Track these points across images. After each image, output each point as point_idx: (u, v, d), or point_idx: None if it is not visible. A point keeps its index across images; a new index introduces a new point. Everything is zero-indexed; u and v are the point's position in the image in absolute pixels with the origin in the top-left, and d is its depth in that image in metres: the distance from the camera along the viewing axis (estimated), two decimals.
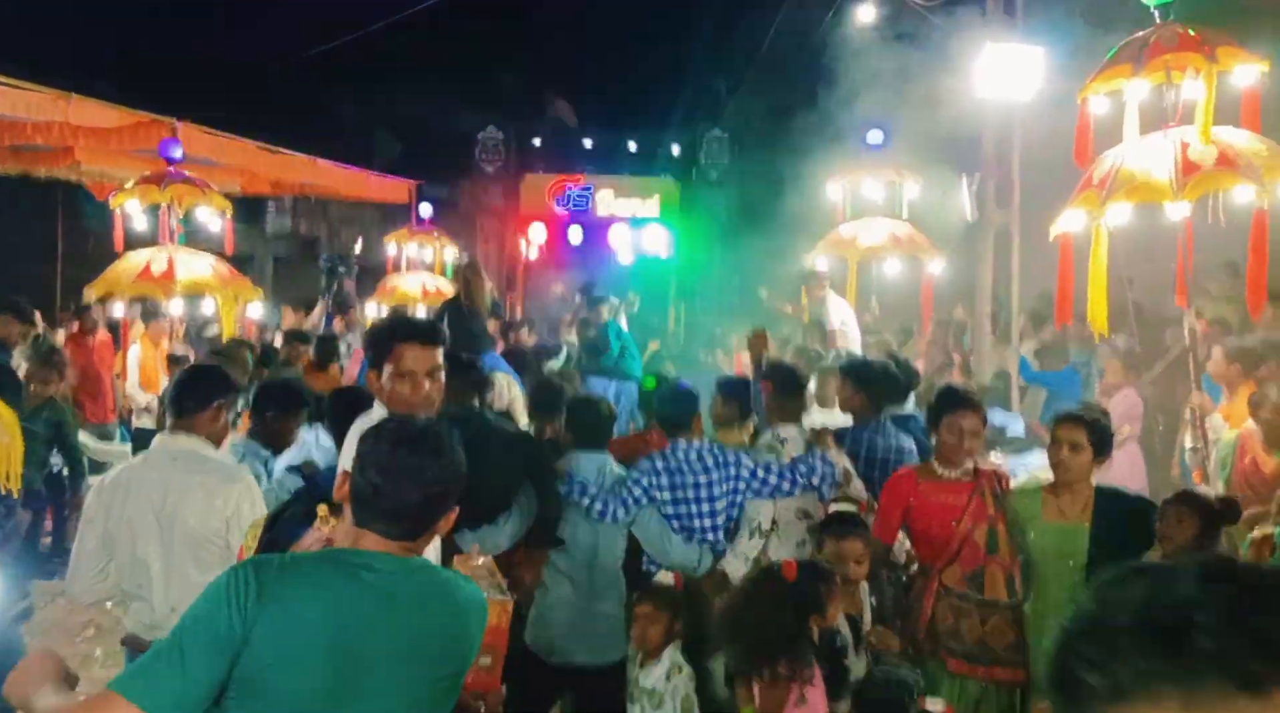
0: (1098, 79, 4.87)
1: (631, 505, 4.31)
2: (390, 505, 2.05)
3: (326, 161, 11.86)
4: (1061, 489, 3.96)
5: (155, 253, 7.70)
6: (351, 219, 20.05)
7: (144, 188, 7.81)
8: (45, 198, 13.10)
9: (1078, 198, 4.90)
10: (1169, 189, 4.47)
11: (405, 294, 11.70)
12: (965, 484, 4.05)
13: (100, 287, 7.71)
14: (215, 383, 3.63)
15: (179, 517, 3.31)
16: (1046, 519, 3.92)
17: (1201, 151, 4.52)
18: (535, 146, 19.85)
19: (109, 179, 10.52)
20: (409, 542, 2.09)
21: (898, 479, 4.22)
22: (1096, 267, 4.77)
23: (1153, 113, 4.89)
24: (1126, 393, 7.25)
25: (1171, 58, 4.62)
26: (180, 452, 3.45)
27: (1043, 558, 3.90)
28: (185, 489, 3.33)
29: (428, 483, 2.06)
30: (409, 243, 12.43)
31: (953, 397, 4.18)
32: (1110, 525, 3.84)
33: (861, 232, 9.05)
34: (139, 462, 3.55)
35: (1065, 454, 3.89)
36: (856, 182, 9.25)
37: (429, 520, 2.11)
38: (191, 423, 3.49)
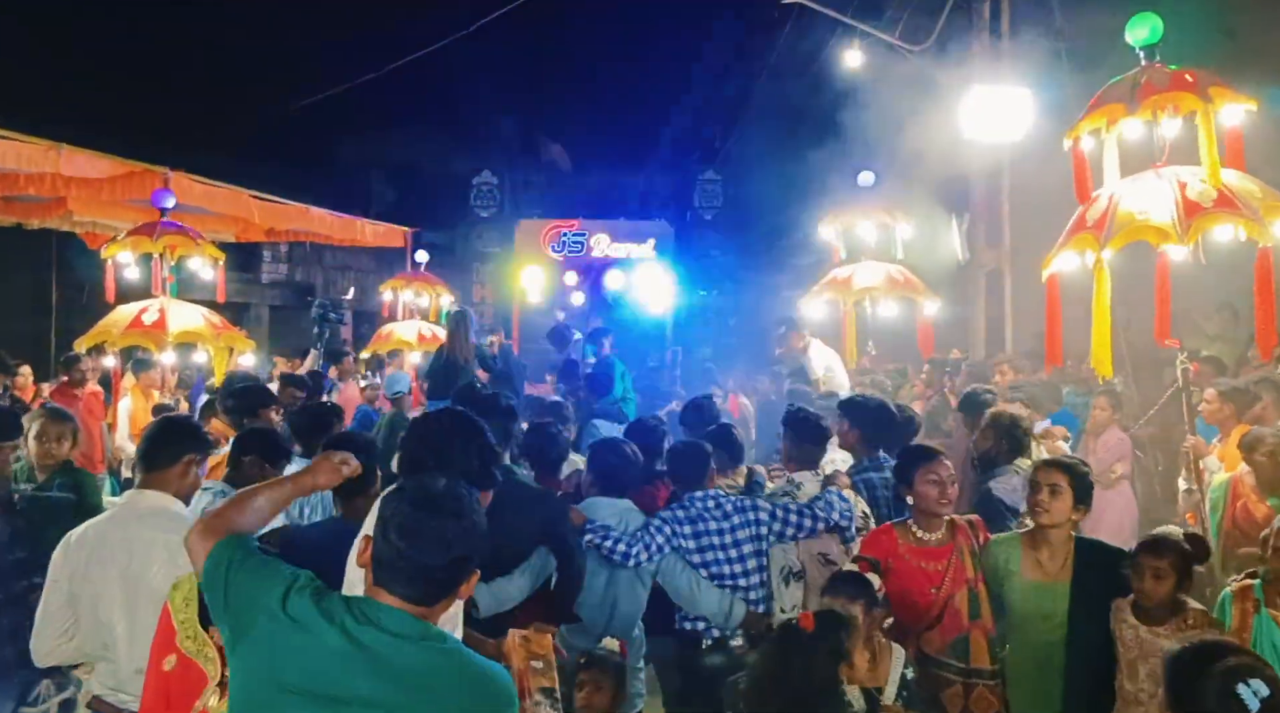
0: (1088, 118, 4.85)
1: (655, 552, 4.23)
2: (410, 569, 2.04)
3: (320, 209, 11.88)
4: (1040, 541, 3.87)
5: (147, 303, 7.68)
6: (347, 266, 20.11)
7: (136, 238, 7.81)
8: (40, 249, 13.12)
9: (1072, 239, 4.85)
10: (1173, 230, 4.44)
11: (401, 341, 11.67)
12: (944, 548, 3.95)
13: (91, 338, 7.68)
14: (185, 436, 3.54)
15: (143, 577, 3.22)
16: (1026, 576, 3.83)
17: (1200, 191, 4.50)
18: (530, 191, 19.96)
19: (103, 229, 10.52)
20: (426, 606, 2.07)
21: (877, 536, 4.10)
22: (1100, 309, 4.71)
23: (1134, 152, 4.89)
24: (1113, 432, 7.20)
25: (1165, 97, 4.62)
26: (147, 509, 3.36)
27: (1021, 617, 3.82)
28: (149, 548, 3.24)
29: (449, 546, 2.05)
30: (405, 290, 12.42)
31: (921, 450, 4.10)
32: (1090, 581, 3.77)
33: (857, 274, 9.06)
34: (105, 519, 3.45)
35: (1044, 497, 3.82)
36: (850, 223, 9.27)
37: (450, 585, 2.09)
38: (161, 478, 3.41)
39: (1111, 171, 4.83)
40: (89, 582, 3.25)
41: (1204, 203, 4.47)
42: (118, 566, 3.24)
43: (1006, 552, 3.92)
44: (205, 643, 2.60)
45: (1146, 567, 3.63)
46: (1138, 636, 3.66)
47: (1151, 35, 4.73)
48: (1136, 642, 3.66)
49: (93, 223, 10.68)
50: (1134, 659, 3.65)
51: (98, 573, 3.24)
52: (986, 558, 3.95)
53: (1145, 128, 4.76)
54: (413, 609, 2.04)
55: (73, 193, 8.87)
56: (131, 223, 8.23)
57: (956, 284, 9.66)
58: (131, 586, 3.22)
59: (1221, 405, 5.99)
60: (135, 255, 7.93)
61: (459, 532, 2.05)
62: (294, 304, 18.47)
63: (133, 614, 3.22)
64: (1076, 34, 8.77)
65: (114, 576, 3.23)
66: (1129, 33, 4.76)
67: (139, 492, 3.43)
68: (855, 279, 9.02)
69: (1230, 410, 5.95)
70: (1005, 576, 3.86)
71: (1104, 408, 7.26)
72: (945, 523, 4.01)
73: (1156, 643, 3.60)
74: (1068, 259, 4.94)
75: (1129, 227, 4.57)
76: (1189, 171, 4.62)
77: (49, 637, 3.29)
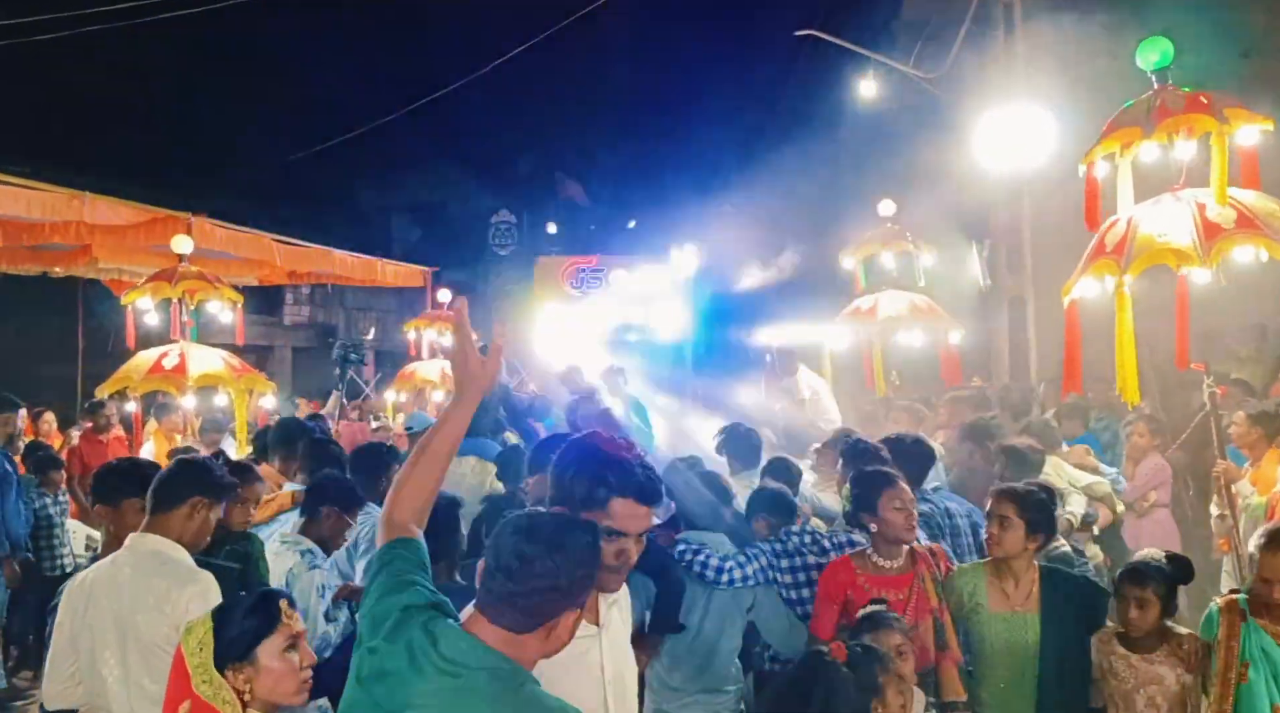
0: (1103, 143, 4.81)
1: (749, 576, 4.12)
2: (502, 591, 2.09)
3: (341, 251, 11.99)
4: (1004, 572, 3.79)
5: (167, 348, 7.73)
6: (369, 306, 20.27)
7: (156, 284, 7.88)
8: (65, 297, 13.29)
9: (1092, 265, 4.78)
10: (1194, 253, 4.37)
11: (425, 380, 11.70)
12: (905, 576, 3.82)
13: (113, 383, 7.73)
14: (195, 479, 3.43)
15: (132, 622, 3.16)
16: (993, 609, 3.74)
17: (1220, 212, 4.44)
18: (548, 228, 20.07)
19: (128, 276, 10.65)
20: (515, 633, 2.10)
21: (834, 571, 3.90)
22: (1124, 333, 4.64)
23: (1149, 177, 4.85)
24: (1154, 460, 7.08)
25: (1180, 119, 4.58)
26: (145, 553, 3.28)
27: (993, 651, 3.72)
28: (140, 594, 3.17)
29: (537, 575, 2.07)
30: (428, 329, 12.48)
31: (883, 476, 3.92)
32: (1059, 610, 3.70)
33: (881, 303, 9.01)
34: (107, 562, 3.38)
35: (995, 529, 3.76)
36: (872, 253, 9.23)
37: (537, 613, 2.10)
38: (164, 521, 3.32)
39: (1126, 196, 4.78)
40: (87, 628, 3.20)
41: (1224, 224, 4.40)
42: (112, 611, 3.18)
43: (971, 583, 3.81)
44: (222, 686, 2.56)
45: (1130, 596, 3.62)
46: (1130, 665, 3.63)
47: (1163, 59, 4.70)
48: (1131, 672, 3.62)
49: (118, 270, 10.81)
50: (1129, 691, 3.62)
51: (95, 617, 3.19)
52: (950, 589, 3.84)
53: (1160, 152, 4.72)
54: (502, 636, 2.08)
55: (97, 240, 8.98)
56: (156, 268, 8.31)
57: (979, 311, 9.58)
58: (122, 632, 3.16)
59: (1250, 429, 5.88)
60: (155, 301, 8.00)
61: (550, 563, 2.07)
62: (316, 345, 18.62)
63: (124, 661, 3.16)
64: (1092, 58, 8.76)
65: (109, 621, 3.17)
66: (1140, 57, 4.74)
67: (141, 535, 3.35)
68: (879, 309, 8.96)
69: (1259, 434, 5.84)
70: (972, 608, 3.77)
71: (1143, 434, 7.13)
72: (906, 551, 3.88)
73: (1153, 671, 3.59)
74: (1088, 285, 4.88)
75: (1149, 250, 4.50)
76: (1207, 193, 4.57)
77: (57, 680, 3.24)
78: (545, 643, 2.13)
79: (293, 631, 2.58)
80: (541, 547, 2.07)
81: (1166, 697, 3.58)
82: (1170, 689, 3.57)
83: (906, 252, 9.05)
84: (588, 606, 2.52)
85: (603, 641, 2.53)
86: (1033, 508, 3.77)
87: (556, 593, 2.08)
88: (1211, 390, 4.97)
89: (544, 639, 2.12)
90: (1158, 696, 3.58)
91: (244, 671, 2.52)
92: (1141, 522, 6.78)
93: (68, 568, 7.67)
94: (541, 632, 2.11)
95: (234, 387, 7.79)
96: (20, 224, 8.50)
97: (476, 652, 2.06)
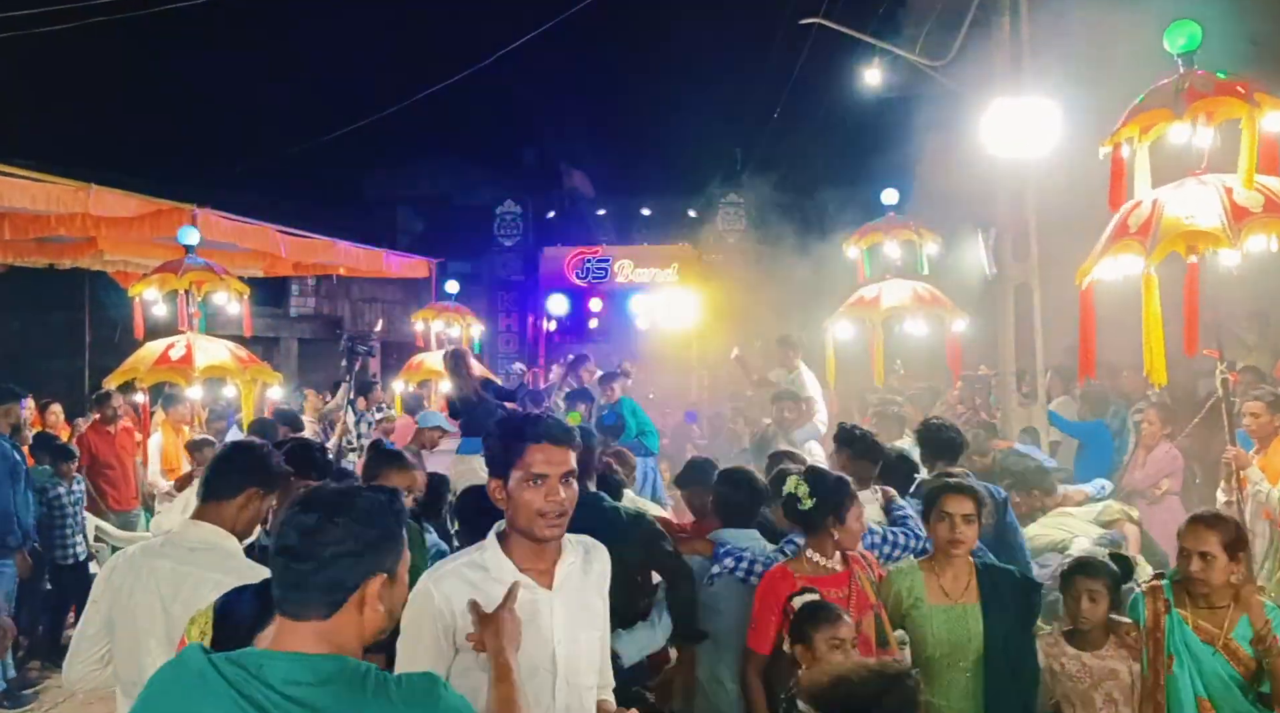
0: (1128, 125, 4.76)
1: None
2: (294, 577, 1.90)
3: (347, 243, 11.99)
4: (944, 566, 3.78)
5: (174, 340, 7.75)
6: (375, 298, 20.27)
7: (162, 276, 7.90)
8: (73, 289, 13.32)
9: (1114, 245, 4.72)
10: (1223, 235, 4.33)
11: (431, 370, 11.71)
12: (843, 574, 3.77)
13: (120, 375, 7.75)
14: (253, 467, 3.33)
15: (186, 613, 3.00)
16: (932, 602, 3.72)
17: (1248, 196, 4.41)
18: (553, 219, 20.06)
19: (134, 268, 10.66)
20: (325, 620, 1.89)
21: (774, 579, 3.78)
22: (1150, 316, 4.59)
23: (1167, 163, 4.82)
24: (1166, 448, 7.07)
25: (1211, 102, 4.54)
26: (199, 542, 3.19)
27: (935, 644, 3.69)
28: (198, 586, 3.07)
29: (321, 544, 1.89)
30: (435, 320, 12.48)
31: (843, 483, 3.86)
32: (997, 603, 3.70)
33: (884, 292, 8.99)
34: (156, 545, 3.28)
35: (961, 527, 3.72)
36: (876, 242, 9.21)
37: (336, 587, 1.90)
38: (217, 510, 3.23)
39: (1144, 179, 4.75)
40: (129, 612, 3.13)
41: (1253, 208, 4.37)
42: (161, 599, 3.10)
43: (909, 581, 3.78)
44: None
45: (1083, 591, 3.69)
46: (1083, 663, 3.68)
47: (1190, 42, 4.66)
48: (1085, 671, 3.67)
49: (124, 262, 10.83)
50: (1086, 690, 3.65)
51: (141, 603, 3.11)
52: (887, 589, 3.81)
53: (1182, 136, 4.68)
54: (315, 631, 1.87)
55: (103, 232, 9.00)
56: (162, 260, 8.33)
57: (984, 300, 9.55)
58: (173, 622, 3.06)
59: (1272, 416, 5.85)
60: (162, 292, 8.02)
61: (334, 526, 1.89)
62: (323, 337, 18.63)
63: (170, 650, 3.00)
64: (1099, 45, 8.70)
65: (157, 609, 3.09)
66: (1167, 39, 4.70)
67: (193, 523, 3.26)
68: (882, 298, 8.94)
69: (1276, 421, 5.82)
70: (911, 604, 3.74)
71: (1154, 422, 7.12)
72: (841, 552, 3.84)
73: (1106, 666, 3.65)
74: (1109, 266, 4.85)
75: (1176, 231, 4.46)
76: (1232, 178, 4.54)
77: (82, 662, 3.18)
78: (362, 624, 1.92)
79: None
80: (319, 514, 1.91)
81: (1122, 690, 3.63)
82: (1124, 682, 3.64)
83: (910, 240, 9.03)
84: (539, 569, 2.56)
85: (554, 603, 2.56)
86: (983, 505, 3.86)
87: (350, 558, 1.89)
88: (1224, 377, 4.94)
89: (358, 618, 1.90)
90: (1114, 690, 3.64)
91: None
92: (1153, 509, 6.78)
93: (80, 557, 7.73)
94: (351, 610, 1.90)
95: (240, 378, 7.81)
96: (27, 217, 8.51)
97: (307, 662, 1.82)
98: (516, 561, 2.56)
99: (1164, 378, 4.68)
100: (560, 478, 2.52)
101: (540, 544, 2.55)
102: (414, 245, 17.55)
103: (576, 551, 2.66)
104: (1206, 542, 3.49)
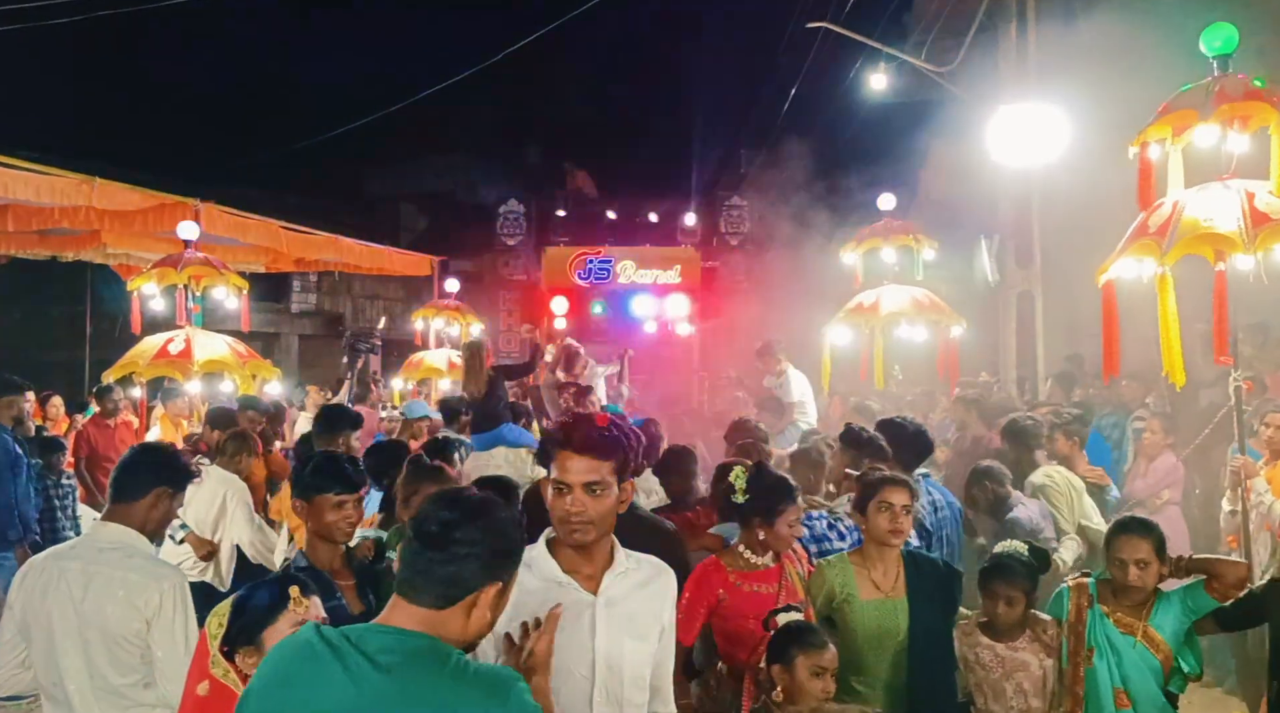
0: (1156, 125, 4.73)
1: None
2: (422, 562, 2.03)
3: (349, 239, 11.99)
4: (875, 559, 3.78)
5: (173, 334, 7.74)
6: (376, 295, 20.28)
7: (161, 270, 7.89)
8: (74, 281, 13.33)
9: (1133, 245, 4.72)
10: (1239, 240, 4.34)
11: (432, 368, 11.71)
12: (774, 569, 3.75)
13: (119, 369, 7.74)
14: (160, 467, 3.38)
15: (97, 615, 3.10)
16: (864, 597, 3.71)
17: (1269, 202, 4.41)
18: (556, 219, 20.04)
19: (136, 261, 10.66)
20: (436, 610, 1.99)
21: (706, 570, 3.75)
22: (1167, 315, 4.58)
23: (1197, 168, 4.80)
24: (1167, 457, 7.03)
25: (1239, 106, 4.53)
26: (109, 542, 3.22)
27: (865, 638, 3.68)
28: (107, 585, 3.12)
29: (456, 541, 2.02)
30: (436, 318, 12.46)
31: (786, 486, 3.79)
32: (923, 595, 3.74)
33: (883, 298, 8.97)
34: (65, 549, 3.32)
35: (901, 517, 3.73)
36: (873, 247, 9.20)
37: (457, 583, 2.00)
38: (127, 510, 3.27)
39: (1176, 182, 4.74)
40: (43, 614, 3.14)
41: (1273, 214, 4.37)
42: (72, 600, 3.12)
43: (840, 575, 3.76)
44: (228, 669, 2.59)
45: (1001, 595, 3.74)
46: (996, 654, 3.74)
47: (1226, 45, 4.66)
48: (998, 661, 3.73)
49: (126, 255, 10.83)
50: (998, 680, 3.71)
51: (53, 606, 3.13)
52: (820, 583, 3.79)
53: (1210, 141, 4.66)
54: (422, 617, 1.98)
55: (106, 226, 9.00)
56: (164, 254, 8.32)
57: (987, 307, 9.54)
58: (85, 622, 3.10)
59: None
60: (161, 287, 8.01)
61: (473, 528, 2.02)
62: (324, 333, 18.64)
63: (85, 652, 3.10)
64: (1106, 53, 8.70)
65: (69, 610, 3.12)
66: (1204, 42, 4.69)
67: (103, 524, 3.30)
68: (881, 304, 8.93)
69: None
70: (844, 599, 3.72)
71: (1156, 431, 7.07)
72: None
73: (1019, 658, 3.72)
74: (1126, 266, 4.83)
75: (1193, 233, 4.46)
76: (1256, 184, 4.54)
77: (4, 666, 3.20)
78: (467, 624, 2.02)
79: (299, 617, 2.58)
80: (462, 513, 2.03)
81: (1032, 682, 3.70)
82: (1035, 675, 3.71)
83: (907, 246, 9.02)
84: (584, 573, 2.57)
85: (598, 609, 2.54)
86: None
87: (476, 561, 2.01)
88: (1238, 385, 4.91)
89: (465, 618, 2.01)
90: (1024, 682, 3.70)
91: (252, 655, 2.55)
92: (1155, 518, 6.73)
93: None
94: (462, 608, 2.00)
95: (239, 373, 7.80)
96: (30, 209, 8.52)
97: (402, 637, 1.96)
98: (562, 563, 2.56)
99: (1183, 378, 4.67)
100: (583, 487, 2.50)
101: (579, 549, 2.55)
102: (415, 243, 17.54)
103: (633, 563, 2.65)
104: (1140, 550, 3.62)
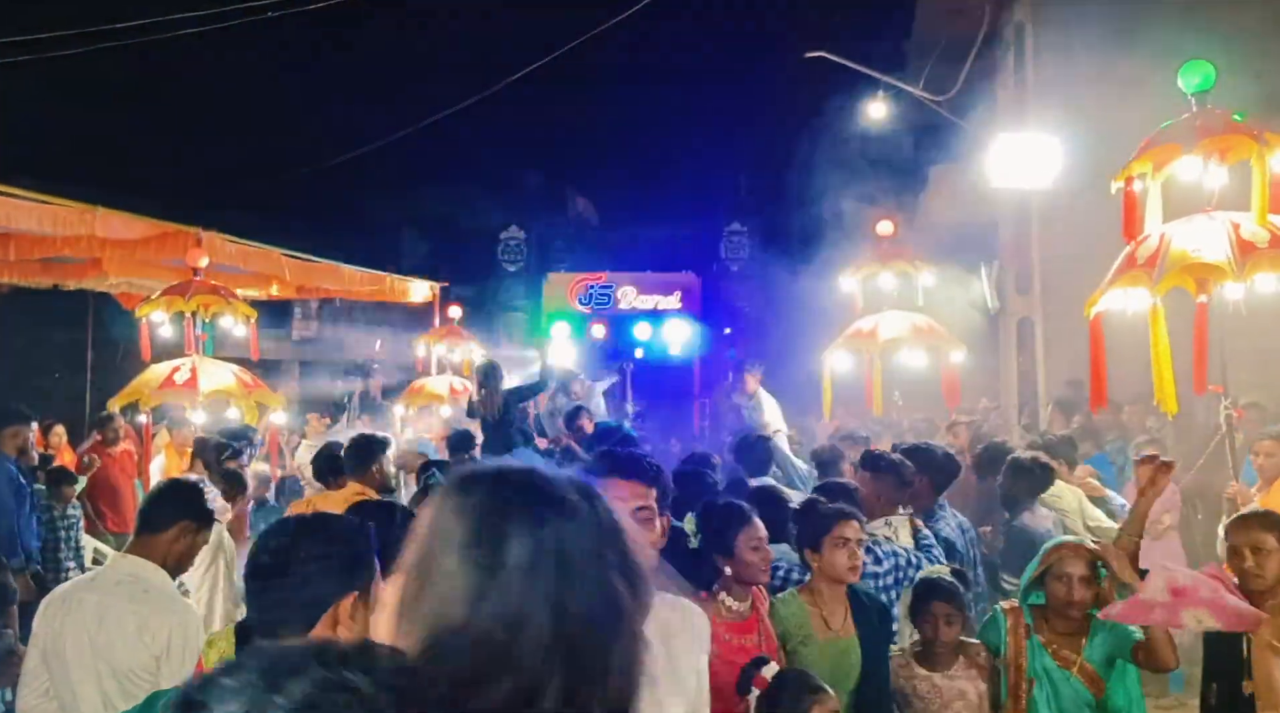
0: (1139, 160, 4.82)
1: None
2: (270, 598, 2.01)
3: (350, 266, 12.02)
4: (824, 597, 3.71)
5: (179, 362, 7.77)
6: (378, 321, 20.27)
7: (169, 298, 7.92)
8: (76, 310, 13.33)
9: (1121, 277, 4.79)
10: (1229, 269, 4.40)
11: (433, 394, 11.72)
12: (752, 618, 3.53)
13: (124, 397, 7.76)
14: (185, 502, 3.38)
15: (109, 648, 3.12)
16: (820, 638, 3.65)
17: (1254, 232, 4.48)
18: (557, 245, 20.12)
19: (138, 289, 10.68)
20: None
21: None
22: (1159, 345, 4.65)
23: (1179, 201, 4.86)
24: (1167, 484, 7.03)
25: (1221, 140, 4.61)
26: (126, 575, 3.24)
27: (822, 679, 3.52)
28: (120, 618, 3.13)
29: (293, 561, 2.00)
30: (438, 344, 12.50)
31: (736, 509, 3.61)
32: (870, 632, 3.73)
33: (882, 324, 9.01)
34: (86, 580, 3.36)
35: (858, 553, 3.70)
36: (872, 273, 9.24)
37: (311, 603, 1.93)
38: (148, 543, 3.28)
39: (1154, 215, 4.80)
40: (60, 644, 3.16)
41: (1259, 243, 4.44)
42: (87, 632, 3.14)
43: (796, 614, 3.68)
44: None
45: (939, 614, 3.75)
46: (934, 685, 3.74)
47: (1204, 82, 4.76)
48: (935, 692, 3.73)
49: (128, 283, 10.85)
50: (937, 710, 3.72)
51: (70, 637, 3.15)
52: (777, 621, 3.67)
53: (1194, 174, 4.74)
54: None
55: (108, 254, 9.01)
56: (166, 283, 8.34)
57: (987, 333, 9.57)
58: (98, 654, 3.12)
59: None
60: (169, 314, 8.04)
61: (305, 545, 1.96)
62: (325, 360, 18.63)
63: (100, 685, 3.11)
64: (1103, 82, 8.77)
65: (84, 642, 3.14)
66: (1182, 79, 4.79)
67: (123, 556, 3.33)
68: (880, 330, 8.97)
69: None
70: (802, 639, 3.64)
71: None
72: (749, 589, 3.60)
73: (955, 686, 3.72)
74: (1115, 298, 4.88)
75: (1182, 264, 4.52)
76: (1240, 215, 4.61)
77: (28, 695, 3.22)
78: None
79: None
80: (289, 537, 1.99)
81: (970, 710, 3.70)
82: (973, 702, 3.71)
83: (906, 272, 9.07)
84: None
85: None
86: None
87: (320, 575, 1.95)
88: (1229, 412, 4.96)
89: (333, 635, 1.90)
90: (963, 710, 3.71)
91: None
92: (1153, 544, 6.74)
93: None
94: (325, 627, 1.92)
95: (244, 402, 7.82)
96: (32, 238, 8.53)
97: None
98: None
99: (1175, 407, 4.72)
100: (632, 514, 2.34)
101: None
102: (416, 269, 17.56)
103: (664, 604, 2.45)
104: (1078, 565, 3.65)
